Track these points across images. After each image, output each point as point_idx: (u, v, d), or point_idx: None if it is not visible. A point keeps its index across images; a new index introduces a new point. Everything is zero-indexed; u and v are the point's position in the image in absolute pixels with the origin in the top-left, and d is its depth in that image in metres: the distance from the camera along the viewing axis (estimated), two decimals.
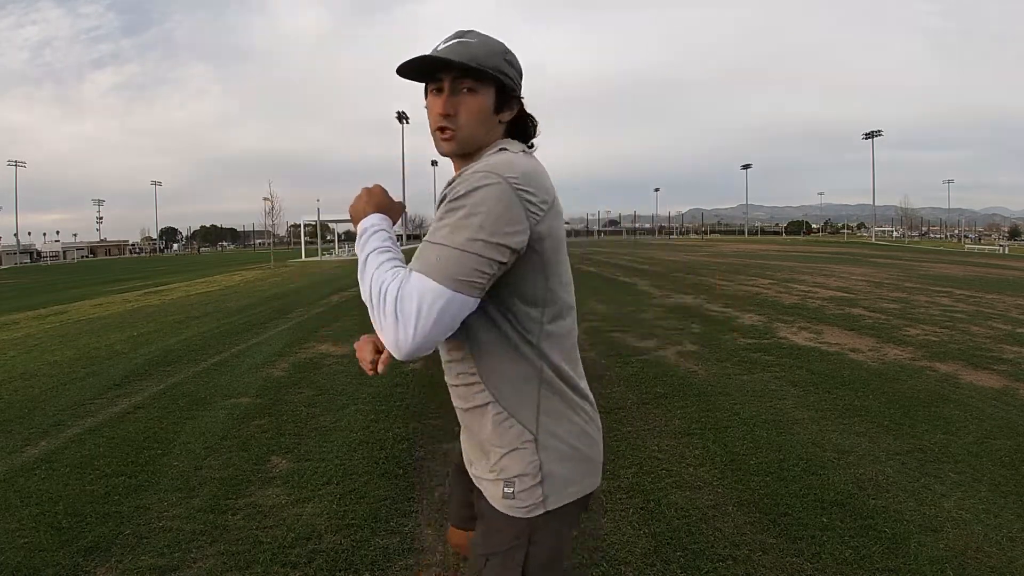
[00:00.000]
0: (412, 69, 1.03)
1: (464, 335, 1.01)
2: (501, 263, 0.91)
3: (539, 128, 1.14)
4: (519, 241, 0.92)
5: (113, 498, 2.74)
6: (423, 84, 1.08)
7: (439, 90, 1.04)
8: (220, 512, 2.57)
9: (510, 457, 1.03)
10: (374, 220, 1.04)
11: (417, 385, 4.60)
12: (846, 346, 5.90)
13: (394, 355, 0.92)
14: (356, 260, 1.05)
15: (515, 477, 1.02)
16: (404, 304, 0.88)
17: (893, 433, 3.42)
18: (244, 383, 4.82)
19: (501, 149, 1.03)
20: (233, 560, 2.20)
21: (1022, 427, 3.49)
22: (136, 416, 3.99)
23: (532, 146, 1.12)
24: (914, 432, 3.42)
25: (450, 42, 1.03)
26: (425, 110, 1.08)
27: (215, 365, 5.54)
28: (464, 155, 1.08)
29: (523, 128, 1.12)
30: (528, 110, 1.12)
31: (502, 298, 0.98)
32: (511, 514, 1.03)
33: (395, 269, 0.94)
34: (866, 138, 74.63)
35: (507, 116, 1.09)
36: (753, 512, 2.50)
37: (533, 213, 0.94)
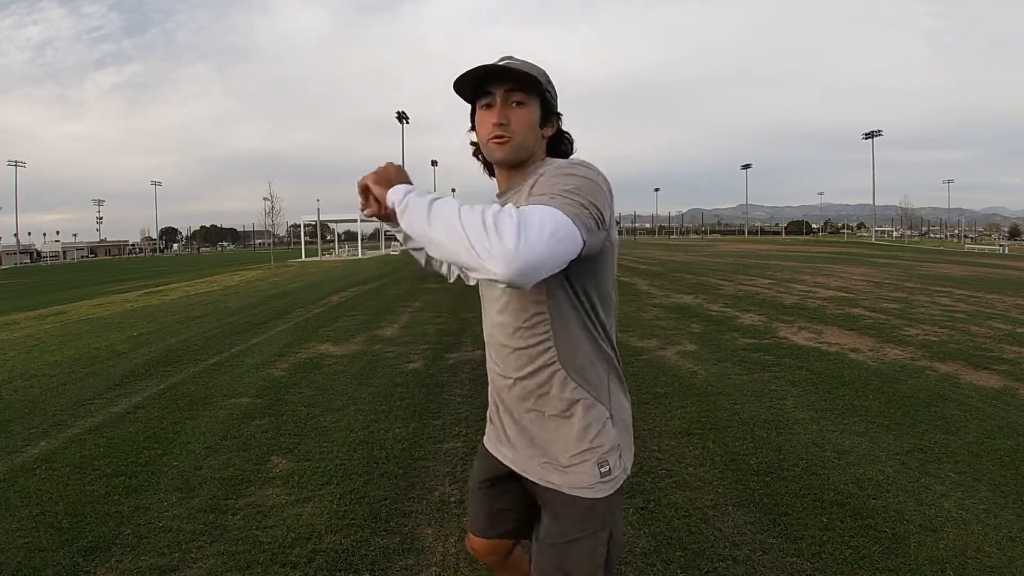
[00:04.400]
0: (467, 82, 1.11)
1: (546, 315, 1.09)
2: (597, 230, 0.96)
3: (575, 147, 1.22)
4: (604, 221, 0.98)
5: (113, 498, 2.74)
6: (469, 106, 1.18)
7: (489, 105, 1.13)
8: (220, 512, 2.57)
9: (600, 436, 1.10)
10: (414, 187, 1.01)
11: (417, 385, 4.60)
12: (846, 346, 5.90)
13: (503, 270, 0.82)
14: (355, 260, 1.06)
15: (606, 455, 1.10)
16: (524, 218, 0.85)
17: (893, 433, 3.42)
18: (244, 383, 4.82)
19: (545, 160, 1.15)
20: (233, 560, 2.20)
21: (1022, 427, 3.49)
22: (136, 416, 3.99)
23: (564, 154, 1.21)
24: (914, 432, 3.42)
25: (498, 62, 1.12)
26: (472, 132, 1.20)
27: (215, 365, 5.54)
28: (515, 164, 1.15)
29: (559, 147, 1.21)
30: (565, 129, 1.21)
31: (584, 284, 1.08)
32: (599, 495, 1.09)
33: (486, 205, 0.89)
34: (866, 138, 74.62)
35: (548, 132, 1.17)
36: (753, 512, 2.50)
37: (610, 209, 1.01)
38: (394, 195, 1.00)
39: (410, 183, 1.04)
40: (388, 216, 1.05)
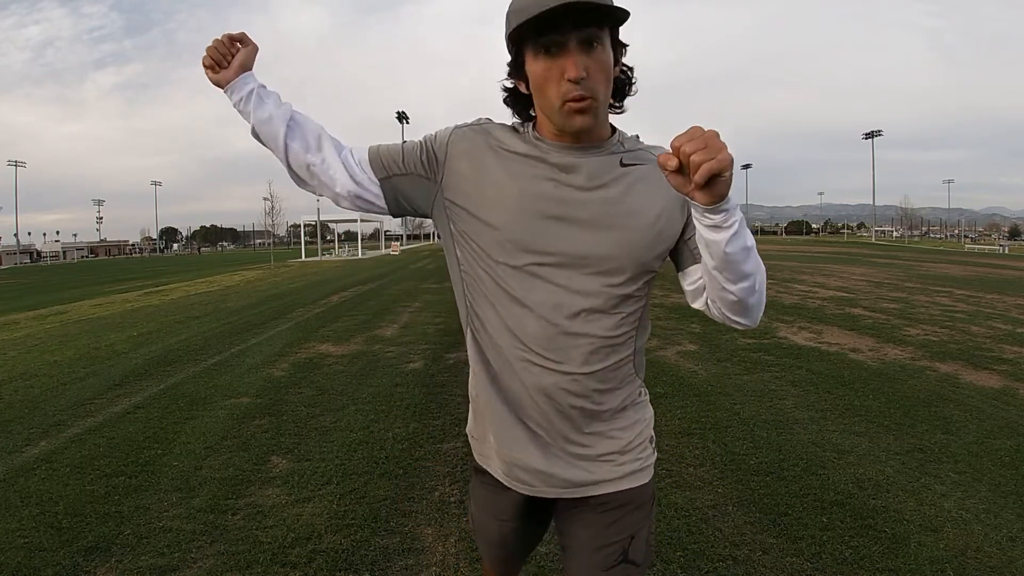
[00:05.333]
0: (535, 20, 0.83)
1: (638, 308, 1.01)
2: None
3: (635, 83, 0.98)
4: None
5: (113, 498, 2.74)
6: (510, 49, 0.93)
7: (552, 50, 0.86)
8: (220, 512, 2.57)
9: (647, 427, 1.11)
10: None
11: (417, 385, 4.60)
12: (846, 346, 5.90)
13: (755, 325, 0.94)
14: (356, 260, 1.04)
15: (649, 442, 1.12)
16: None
17: (893, 433, 3.42)
18: (244, 383, 4.82)
19: (635, 137, 1.02)
20: (233, 560, 2.20)
21: (1022, 427, 3.49)
22: (136, 416, 3.99)
23: (622, 106, 1.00)
24: (914, 432, 3.42)
25: None
26: (507, 82, 0.97)
27: (215, 365, 5.54)
28: (596, 134, 0.95)
29: (620, 85, 0.96)
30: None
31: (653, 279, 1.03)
32: (644, 482, 1.09)
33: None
34: (866, 138, 74.64)
35: (617, 71, 0.93)
36: (753, 512, 2.50)
37: None
38: (733, 200, 0.82)
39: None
40: (714, 207, 0.80)
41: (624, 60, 0.95)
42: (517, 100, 1.00)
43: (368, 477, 2.93)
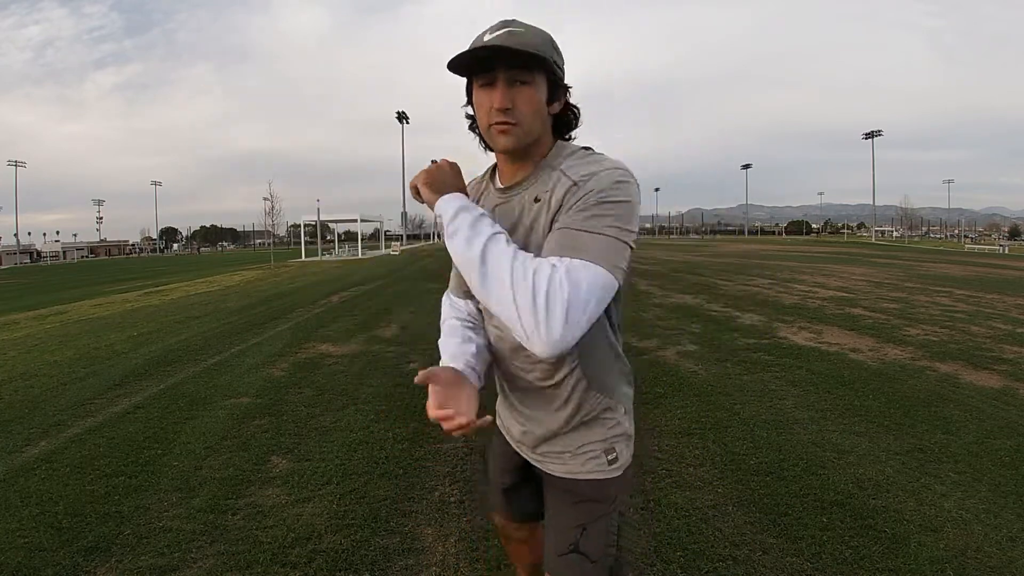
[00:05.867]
0: (462, 63, 0.99)
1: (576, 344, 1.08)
2: (628, 260, 0.97)
3: (581, 119, 1.12)
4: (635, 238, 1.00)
5: (113, 498, 2.74)
6: (465, 80, 1.06)
7: (489, 84, 1.00)
8: (220, 512, 2.57)
9: (613, 428, 1.16)
10: (466, 201, 1.00)
11: (417, 385, 4.59)
12: (846, 346, 5.90)
13: (546, 349, 0.87)
14: (356, 260, 1.07)
15: (615, 443, 1.16)
16: (573, 297, 0.86)
17: (893, 433, 3.42)
18: (244, 383, 4.82)
19: (586, 148, 1.07)
20: (233, 560, 2.20)
21: (1022, 427, 3.49)
22: (136, 416, 3.99)
23: (571, 138, 1.12)
24: (914, 432, 3.42)
25: (498, 32, 0.99)
26: (471, 112, 1.08)
27: (215, 365, 5.54)
28: (521, 152, 1.06)
29: (565, 120, 1.10)
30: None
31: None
32: (607, 476, 1.15)
33: (539, 260, 0.91)
34: (866, 138, 74.64)
35: (556, 108, 1.07)
36: (753, 512, 2.50)
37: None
38: (444, 209, 0.97)
39: (463, 189, 1.04)
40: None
41: (570, 100, 1.09)
42: (474, 128, 1.12)
43: (368, 477, 2.93)
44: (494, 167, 1.18)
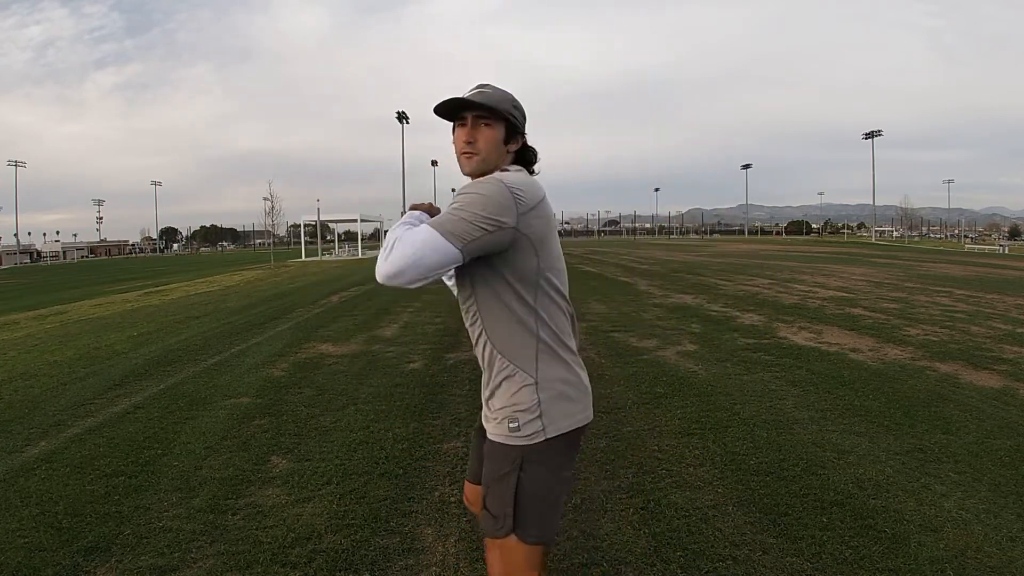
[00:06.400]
0: (445, 109, 1.36)
1: (474, 301, 1.34)
2: (488, 232, 1.20)
3: (539, 158, 1.46)
4: (507, 222, 1.22)
5: (113, 498, 2.74)
6: (451, 123, 1.40)
7: (463, 124, 1.36)
8: (220, 512, 2.57)
9: (515, 396, 1.31)
10: (418, 213, 1.34)
11: (417, 385, 4.60)
12: (846, 346, 5.90)
13: (378, 276, 1.20)
14: (356, 260, 1.18)
15: (519, 412, 1.30)
16: (399, 242, 1.19)
17: (893, 433, 3.41)
18: (244, 383, 4.82)
19: (503, 169, 1.36)
20: (233, 560, 2.20)
21: (1022, 427, 3.49)
22: (136, 416, 3.99)
23: (534, 172, 1.43)
24: (914, 432, 3.42)
25: (473, 91, 1.38)
26: (452, 144, 1.41)
27: (215, 365, 5.54)
28: (481, 174, 1.36)
29: (526, 158, 1.44)
30: (530, 144, 1.44)
31: (502, 273, 1.28)
32: (511, 443, 1.31)
33: (407, 225, 1.25)
34: (866, 138, 74.60)
35: (513, 147, 1.41)
36: (753, 512, 2.50)
37: (521, 203, 1.24)
38: (407, 217, 1.31)
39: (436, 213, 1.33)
40: None
41: (528, 143, 1.44)
42: None
43: (368, 477, 2.93)
44: None
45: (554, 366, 1.32)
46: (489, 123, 1.35)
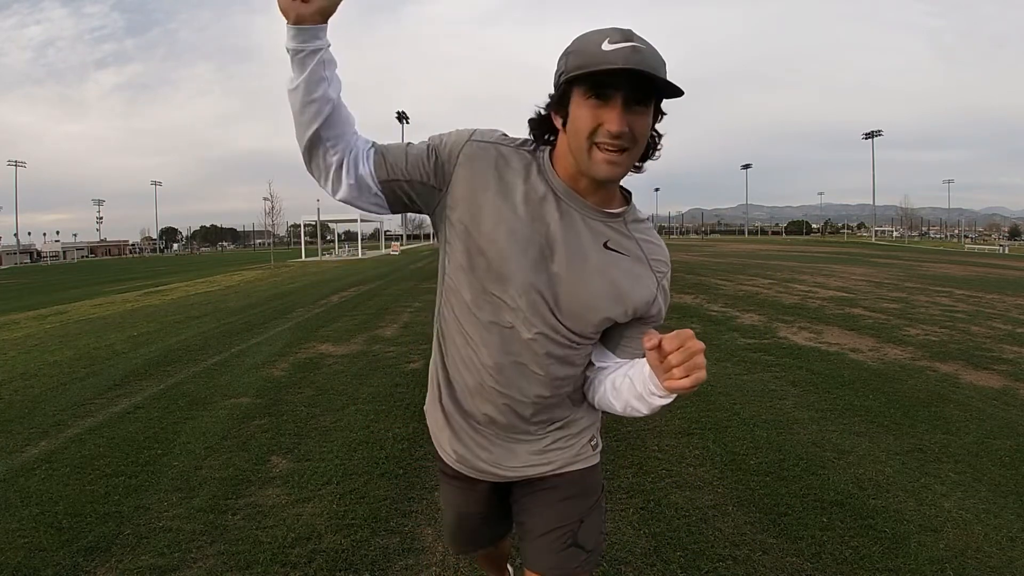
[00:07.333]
0: (603, 74, 0.87)
1: (587, 355, 1.11)
2: None
3: (661, 149, 1.01)
4: None
5: (113, 498, 2.74)
6: (566, 88, 0.93)
7: (603, 98, 0.89)
8: (220, 512, 2.57)
9: (588, 410, 1.17)
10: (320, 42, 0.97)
11: (417, 385, 4.60)
12: (846, 346, 5.90)
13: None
14: (356, 260, 1.09)
15: (592, 426, 1.18)
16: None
17: (893, 433, 3.42)
18: (244, 383, 4.82)
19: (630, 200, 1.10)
20: (233, 560, 2.20)
21: (1022, 427, 3.49)
22: (136, 416, 3.99)
23: (641, 168, 1.01)
24: (914, 432, 3.42)
25: (620, 44, 0.87)
26: (554, 114, 0.97)
27: (215, 365, 5.54)
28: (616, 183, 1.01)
29: (647, 147, 0.98)
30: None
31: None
32: (595, 462, 1.18)
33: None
34: (866, 138, 74.64)
35: (650, 133, 0.97)
36: (753, 512, 2.50)
37: None
38: (291, 37, 0.92)
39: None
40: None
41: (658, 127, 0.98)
42: (542, 127, 1.01)
43: (368, 477, 2.93)
44: (547, 150, 1.04)
45: None
46: (647, 104, 0.91)
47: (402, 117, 59.52)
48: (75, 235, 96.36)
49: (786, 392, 4.30)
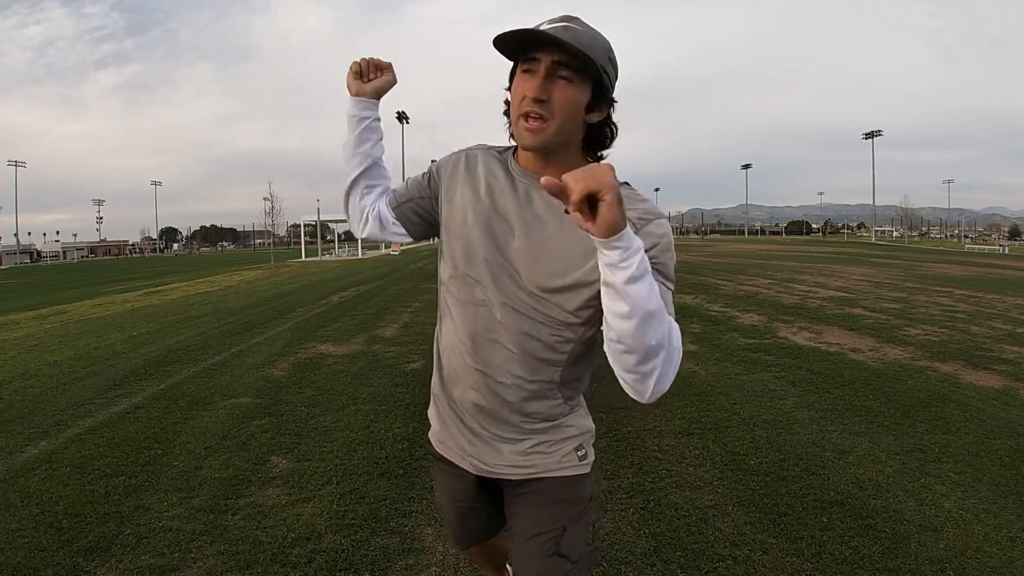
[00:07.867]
0: (510, 40, 0.95)
1: (572, 345, 1.08)
2: None
3: (616, 139, 1.06)
4: None
5: (113, 498, 2.74)
6: (511, 64, 1.01)
7: (530, 71, 0.95)
8: (220, 512, 2.57)
9: (580, 419, 1.17)
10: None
11: (417, 385, 4.60)
12: (846, 346, 5.90)
13: (649, 401, 0.94)
14: (356, 260, 1.08)
15: (582, 436, 1.16)
16: (673, 357, 0.91)
17: (893, 433, 3.42)
18: (244, 383, 4.82)
19: (623, 183, 0.99)
20: (233, 560, 2.20)
21: (1022, 427, 3.49)
22: (136, 416, 3.99)
23: (602, 157, 1.07)
24: (914, 432, 3.42)
25: (556, 24, 0.94)
26: (506, 94, 1.03)
27: (215, 365, 5.54)
28: (547, 151, 1.01)
29: (599, 136, 1.04)
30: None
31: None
32: (581, 472, 1.15)
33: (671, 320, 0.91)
34: (866, 138, 74.66)
35: (595, 118, 1.01)
36: (753, 512, 2.50)
37: None
38: (631, 245, 0.81)
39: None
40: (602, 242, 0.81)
41: (613, 117, 1.03)
42: (509, 113, 1.07)
43: (368, 477, 2.93)
44: (513, 149, 1.12)
45: (586, 384, 1.21)
46: (571, 79, 0.94)
47: (402, 117, 59.50)
48: (75, 235, 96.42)
49: (786, 392, 4.30)
